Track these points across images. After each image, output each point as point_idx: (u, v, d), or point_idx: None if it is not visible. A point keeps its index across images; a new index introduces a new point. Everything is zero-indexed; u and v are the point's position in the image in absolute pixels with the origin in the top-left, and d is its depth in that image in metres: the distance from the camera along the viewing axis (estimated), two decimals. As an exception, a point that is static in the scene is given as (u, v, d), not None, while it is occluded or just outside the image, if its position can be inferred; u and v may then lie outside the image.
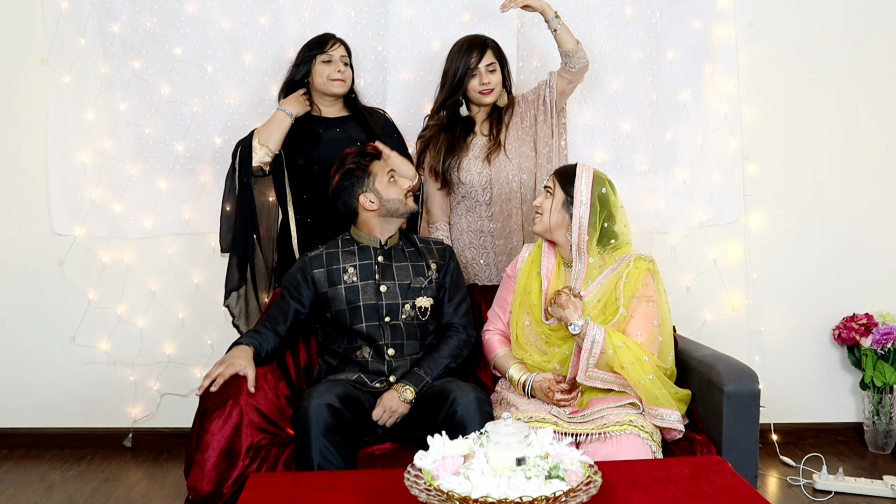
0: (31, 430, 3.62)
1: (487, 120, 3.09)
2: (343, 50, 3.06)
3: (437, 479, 1.68)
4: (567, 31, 2.95)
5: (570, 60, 2.97)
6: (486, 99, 3.01)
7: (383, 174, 2.62)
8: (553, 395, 2.43)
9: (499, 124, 3.05)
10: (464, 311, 2.68)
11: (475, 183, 3.02)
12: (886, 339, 3.40)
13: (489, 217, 3.06)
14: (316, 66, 3.01)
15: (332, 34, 3.09)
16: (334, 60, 3.01)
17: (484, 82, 2.98)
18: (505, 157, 3.01)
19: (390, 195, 2.61)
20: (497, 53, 3.02)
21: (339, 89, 3.03)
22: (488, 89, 2.99)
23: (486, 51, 2.99)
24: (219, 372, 2.40)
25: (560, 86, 3.03)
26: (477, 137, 3.08)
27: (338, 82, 3.02)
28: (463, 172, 3.02)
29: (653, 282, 2.50)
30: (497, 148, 3.02)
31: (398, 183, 2.64)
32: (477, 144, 3.06)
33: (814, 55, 3.52)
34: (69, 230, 3.51)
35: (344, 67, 3.04)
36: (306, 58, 3.03)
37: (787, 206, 3.58)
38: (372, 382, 2.54)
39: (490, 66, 2.98)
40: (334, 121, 3.08)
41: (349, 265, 2.62)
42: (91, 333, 3.55)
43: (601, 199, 2.49)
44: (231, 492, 2.27)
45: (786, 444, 3.53)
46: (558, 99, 3.06)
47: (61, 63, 3.42)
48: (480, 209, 3.06)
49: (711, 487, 1.90)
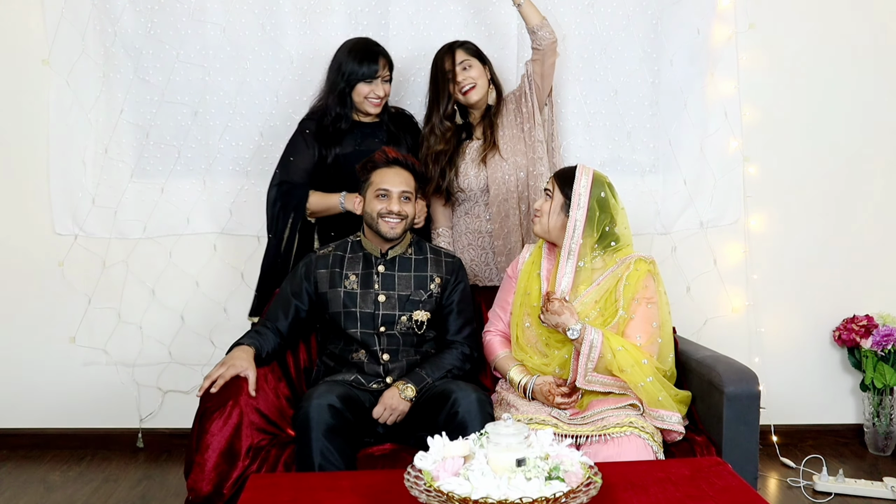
0: (32, 431, 3.62)
1: (481, 122, 3.07)
2: (387, 68, 2.99)
3: (437, 480, 1.68)
4: (532, 7, 2.92)
5: (535, 38, 2.94)
6: (471, 97, 2.97)
7: (376, 186, 2.57)
8: (553, 399, 2.43)
9: (491, 125, 3.04)
10: (467, 334, 2.65)
11: (473, 187, 3.01)
12: (887, 340, 3.40)
13: (487, 218, 3.05)
14: (358, 86, 2.95)
15: (378, 48, 3.01)
16: (376, 82, 2.96)
17: (458, 80, 2.95)
18: (500, 157, 3.00)
19: (368, 208, 2.58)
20: (470, 51, 3.00)
21: (374, 110, 3.00)
22: (469, 86, 2.96)
23: (456, 50, 2.98)
24: (219, 373, 2.41)
25: (535, 69, 3.00)
26: (472, 142, 3.06)
27: (374, 105, 2.99)
28: (461, 178, 3.01)
29: (653, 283, 2.49)
30: (492, 148, 3.00)
31: (384, 201, 2.55)
32: (473, 148, 3.05)
33: (814, 57, 3.52)
34: (69, 230, 3.51)
35: (383, 86, 2.98)
36: (352, 77, 2.94)
37: (788, 207, 3.57)
38: (369, 383, 2.54)
39: (463, 64, 2.96)
40: (369, 125, 3.06)
41: (352, 272, 2.61)
42: (91, 334, 3.55)
43: (600, 203, 2.48)
44: (231, 492, 2.27)
45: (786, 445, 3.52)
46: (542, 85, 3.02)
47: (62, 64, 3.42)
48: (479, 210, 3.06)
49: (711, 489, 1.90)
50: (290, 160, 3.02)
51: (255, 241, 3.49)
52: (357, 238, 2.69)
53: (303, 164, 3.01)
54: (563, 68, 3.41)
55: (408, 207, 2.58)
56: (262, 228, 3.46)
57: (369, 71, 2.94)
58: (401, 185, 2.56)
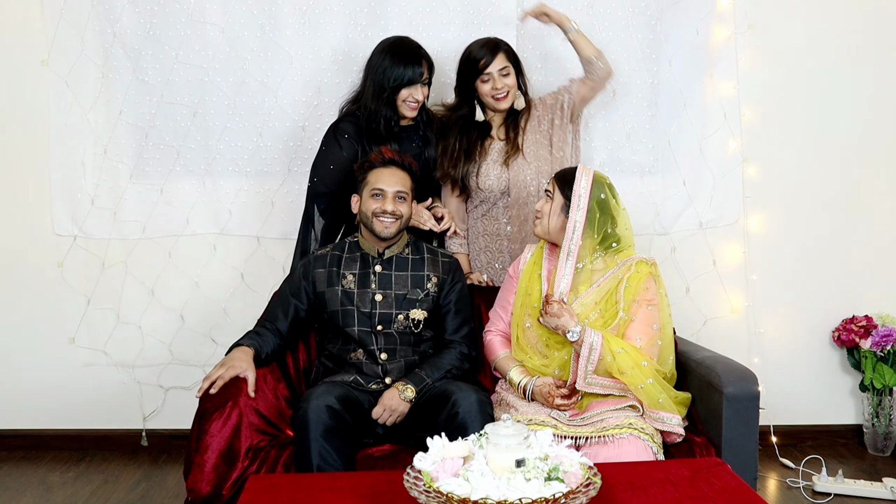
0: (31, 432, 3.62)
1: (504, 124, 3.03)
2: (427, 71, 2.91)
3: (436, 481, 1.68)
4: (584, 39, 2.93)
5: (591, 68, 2.94)
6: (500, 105, 2.93)
7: (371, 186, 2.57)
8: (553, 401, 2.43)
9: (515, 128, 3.00)
10: (465, 333, 2.66)
11: (494, 188, 2.97)
12: (886, 340, 3.40)
13: (507, 221, 3.02)
14: (400, 90, 2.89)
15: (422, 50, 2.92)
16: (416, 86, 2.89)
17: (497, 87, 2.90)
18: (523, 159, 2.96)
19: (364, 207, 2.58)
20: (510, 56, 2.93)
21: (411, 114, 2.94)
22: (502, 94, 2.92)
23: (498, 53, 2.90)
24: (219, 374, 2.41)
25: (582, 92, 3.00)
26: (494, 142, 3.01)
27: (412, 109, 2.93)
28: (482, 178, 2.97)
29: (654, 285, 2.49)
30: (515, 152, 2.97)
31: (379, 200, 2.56)
32: (494, 149, 3.00)
33: (814, 57, 3.52)
34: (69, 231, 3.50)
35: (423, 89, 2.91)
36: (395, 81, 2.86)
37: (787, 208, 3.57)
38: (368, 384, 2.54)
39: (503, 70, 2.90)
40: (407, 129, 3.02)
41: (349, 272, 2.62)
42: (91, 335, 3.55)
43: (600, 204, 2.47)
44: (230, 493, 2.28)
45: (785, 445, 3.52)
46: (578, 105, 3.04)
47: (61, 64, 3.42)
48: (497, 212, 3.02)
49: (711, 489, 1.90)
50: (329, 168, 2.93)
51: (254, 242, 3.49)
52: (354, 238, 2.69)
53: (341, 173, 2.91)
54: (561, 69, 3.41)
55: (402, 207, 2.58)
56: (262, 228, 3.49)
57: (414, 74, 2.87)
58: (396, 185, 2.57)
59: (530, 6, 3.05)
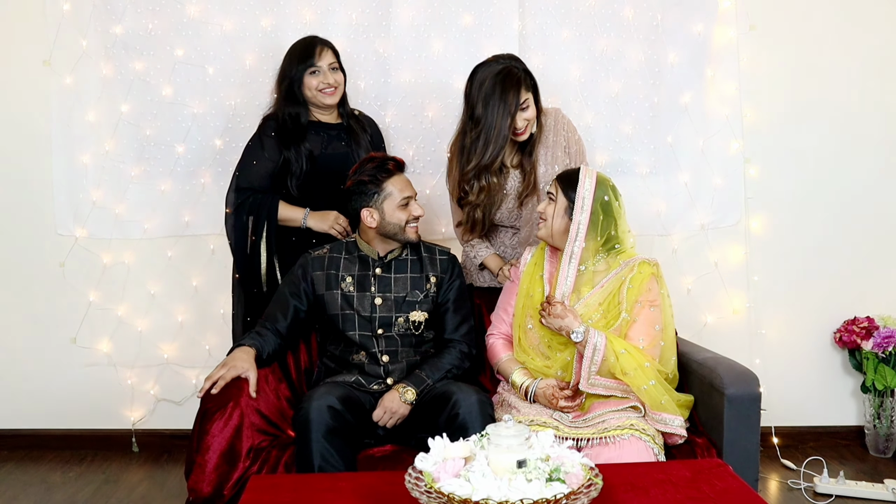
0: (32, 432, 3.62)
1: (517, 152, 2.80)
2: (331, 55, 2.90)
3: (437, 482, 1.67)
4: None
5: None
6: (520, 139, 2.72)
7: (398, 196, 2.54)
8: (556, 403, 2.43)
9: (529, 155, 2.77)
10: (465, 331, 2.65)
11: (505, 221, 2.88)
12: (887, 342, 3.39)
13: (514, 237, 2.93)
14: (304, 79, 2.88)
15: (316, 39, 2.93)
16: (322, 70, 2.88)
17: (519, 126, 2.67)
18: (538, 198, 2.79)
19: (392, 219, 2.55)
20: (531, 86, 2.69)
21: (331, 100, 2.91)
22: (523, 129, 2.70)
23: (521, 88, 2.63)
24: (220, 374, 2.40)
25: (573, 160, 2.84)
26: (509, 172, 2.80)
27: (328, 94, 2.90)
28: (496, 214, 2.85)
29: (656, 286, 2.49)
30: (532, 191, 2.77)
31: (409, 209, 2.55)
32: (511, 185, 2.80)
33: (815, 58, 3.52)
34: (71, 231, 3.51)
35: (332, 74, 2.89)
36: (295, 74, 2.88)
37: (789, 209, 3.57)
38: (370, 385, 2.54)
39: (525, 103, 2.65)
40: (333, 127, 3.00)
41: (348, 274, 2.61)
42: (92, 335, 3.56)
43: (604, 206, 2.46)
44: (231, 493, 2.27)
45: (786, 447, 3.52)
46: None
47: (63, 64, 3.43)
48: (504, 231, 2.94)
49: (712, 490, 1.90)
50: (252, 164, 2.93)
51: (255, 243, 3.50)
52: (352, 239, 2.68)
53: (264, 170, 2.92)
54: (563, 69, 3.41)
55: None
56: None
57: (312, 57, 2.87)
58: (413, 188, 2.60)
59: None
